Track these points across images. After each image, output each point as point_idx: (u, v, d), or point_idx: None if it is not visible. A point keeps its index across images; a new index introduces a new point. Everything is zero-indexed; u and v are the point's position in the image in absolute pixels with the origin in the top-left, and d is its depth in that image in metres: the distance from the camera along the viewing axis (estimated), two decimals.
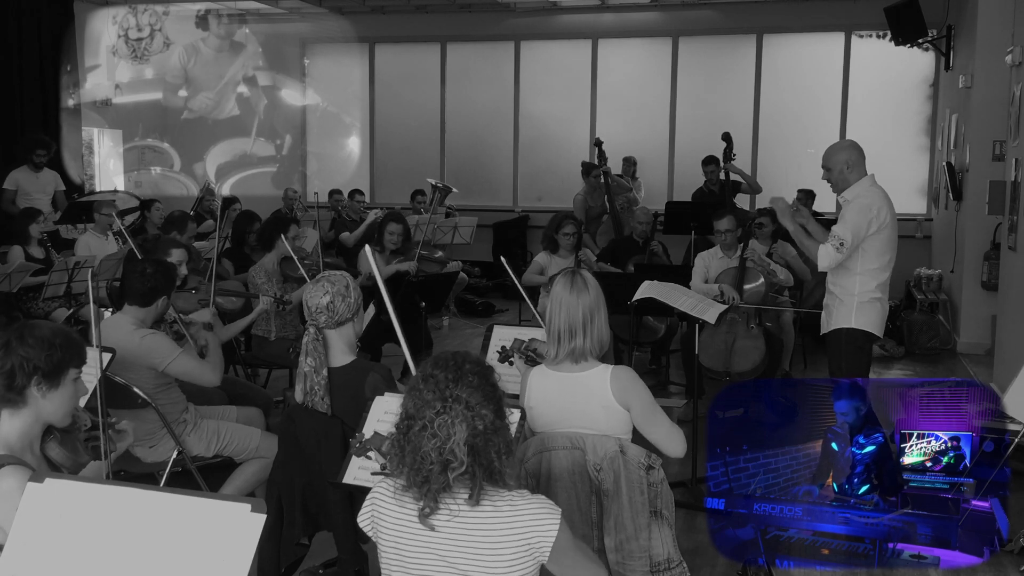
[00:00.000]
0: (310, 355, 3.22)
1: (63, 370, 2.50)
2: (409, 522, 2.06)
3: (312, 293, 3.27)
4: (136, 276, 4.03)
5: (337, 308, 3.25)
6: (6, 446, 2.43)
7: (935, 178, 10.29)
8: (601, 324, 3.03)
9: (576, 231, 6.48)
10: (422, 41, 12.15)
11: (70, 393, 2.53)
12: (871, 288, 4.49)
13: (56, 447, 2.51)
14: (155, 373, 3.92)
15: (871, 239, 4.44)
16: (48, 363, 2.45)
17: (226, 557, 1.71)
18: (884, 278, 4.53)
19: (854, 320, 4.50)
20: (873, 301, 4.50)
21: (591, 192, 9.53)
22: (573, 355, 3.01)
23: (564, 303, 3.01)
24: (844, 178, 4.52)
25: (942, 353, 8.06)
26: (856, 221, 4.41)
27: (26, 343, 2.45)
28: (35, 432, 2.50)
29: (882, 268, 4.51)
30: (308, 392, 3.22)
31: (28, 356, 2.44)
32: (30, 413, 2.47)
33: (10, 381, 2.43)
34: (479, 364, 2.12)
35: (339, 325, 3.29)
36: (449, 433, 2.00)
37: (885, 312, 4.60)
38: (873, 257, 4.47)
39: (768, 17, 10.90)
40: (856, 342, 4.54)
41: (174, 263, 4.89)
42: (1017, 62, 6.49)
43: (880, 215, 4.43)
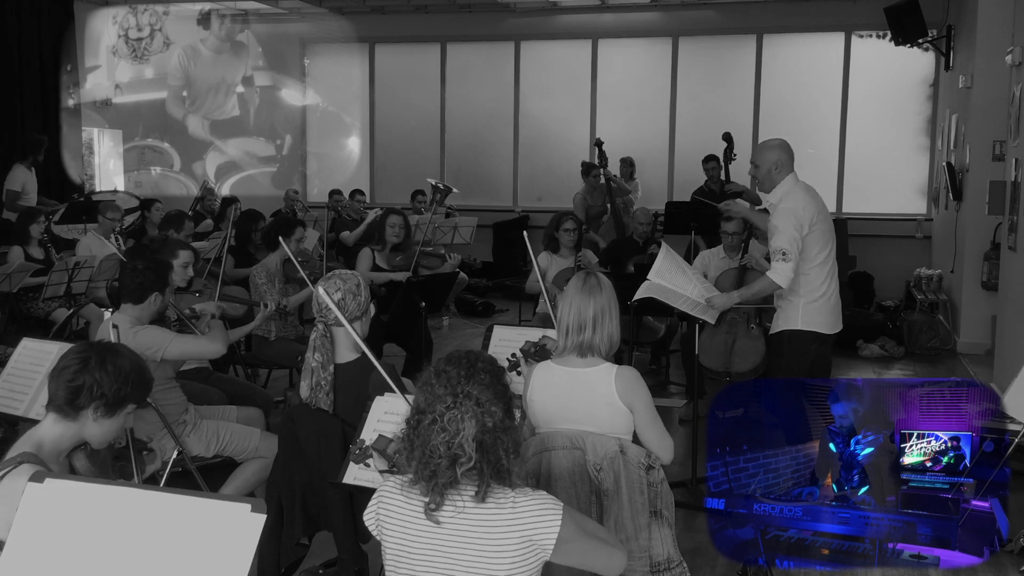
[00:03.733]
0: (317, 351, 3.26)
1: (124, 404, 2.51)
2: (415, 517, 2.07)
3: (323, 290, 3.30)
4: (127, 273, 4.05)
5: (347, 306, 3.28)
6: (37, 446, 2.44)
7: (935, 178, 10.29)
8: (612, 325, 3.04)
9: (576, 228, 6.48)
10: (422, 41, 12.15)
11: (119, 425, 2.54)
12: (816, 286, 4.47)
13: (83, 459, 2.51)
14: (154, 369, 3.91)
15: (805, 239, 4.43)
16: (115, 395, 2.46)
17: (226, 557, 1.71)
18: (825, 272, 4.49)
19: (800, 322, 4.50)
20: (819, 300, 4.48)
21: (591, 192, 9.53)
22: (580, 349, 3.01)
23: (576, 300, 3.04)
24: (771, 178, 4.55)
25: (942, 353, 8.06)
26: (786, 228, 4.41)
27: (105, 368, 2.45)
28: (69, 444, 2.50)
29: (821, 264, 4.48)
30: (314, 387, 3.24)
31: (100, 381, 2.44)
32: (75, 428, 2.48)
33: (73, 398, 2.44)
34: (491, 363, 2.15)
35: (348, 323, 3.32)
36: (459, 428, 2.03)
37: (833, 307, 4.56)
38: (810, 255, 4.46)
39: (768, 17, 10.90)
40: (799, 343, 4.52)
41: (172, 262, 4.90)
42: (1017, 62, 6.49)
43: (807, 213, 4.42)
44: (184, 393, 4.14)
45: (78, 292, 6.58)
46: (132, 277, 4.01)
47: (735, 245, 6.08)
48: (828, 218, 4.57)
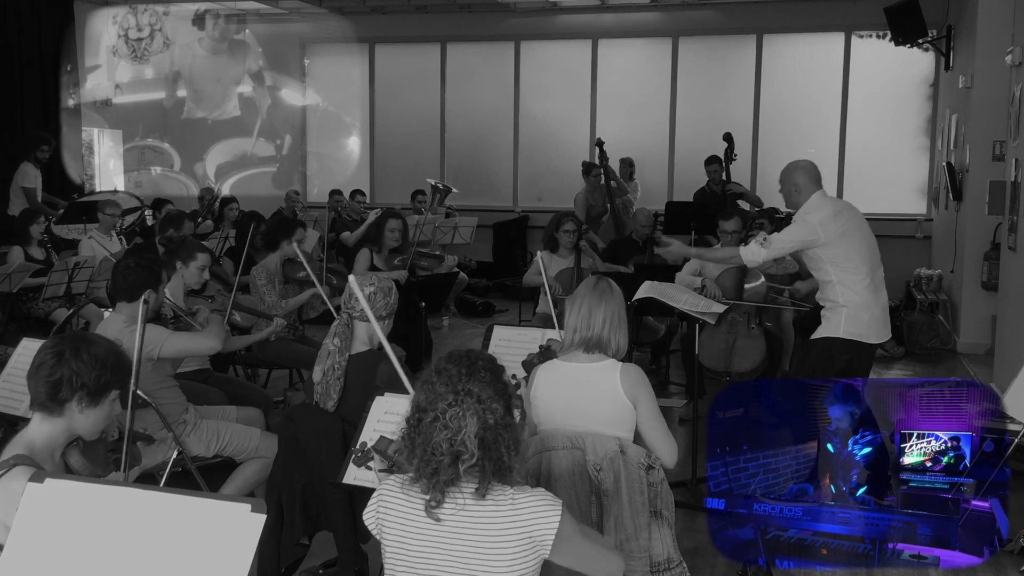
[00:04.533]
0: (338, 336, 3.36)
1: (107, 391, 2.50)
2: (415, 515, 2.08)
3: (357, 283, 3.34)
4: (120, 272, 4.06)
5: (376, 302, 3.36)
6: (28, 447, 2.44)
7: (935, 178, 10.29)
8: (620, 333, 3.05)
9: (576, 229, 6.48)
10: (422, 41, 12.15)
11: (106, 413, 2.54)
12: (856, 292, 4.50)
13: (77, 456, 2.51)
14: (152, 368, 3.91)
15: (831, 247, 4.50)
16: (96, 383, 2.46)
17: (226, 557, 1.71)
18: (863, 281, 4.53)
19: (843, 329, 4.53)
20: (860, 308, 4.51)
21: (592, 191, 9.53)
22: (587, 345, 3.02)
23: (586, 302, 3.05)
24: (792, 198, 4.71)
25: (942, 353, 8.06)
26: (791, 230, 4.62)
27: (80, 358, 2.45)
28: (61, 441, 2.50)
29: (855, 271, 4.52)
30: (327, 371, 3.31)
31: (78, 371, 2.44)
32: (63, 423, 2.48)
33: (55, 392, 2.44)
34: (491, 362, 2.17)
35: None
36: (460, 425, 2.04)
37: (876, 318, 4.59)
38: (842, 263, 4.52)
39: (768, 17, 10.90)
40: (833, 349, 4.56)
41: (190, 264, 4.90)
42: (1017, 62, 6.49)
43: (825, 230, 4.49)
44: (184, 393, 4.14)
45: (78, 292, 6.58)
46: (125, 275, 4.02)
47: (735, 244, 6.07)
48: (863, 230, 4.62)
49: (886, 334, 4.67)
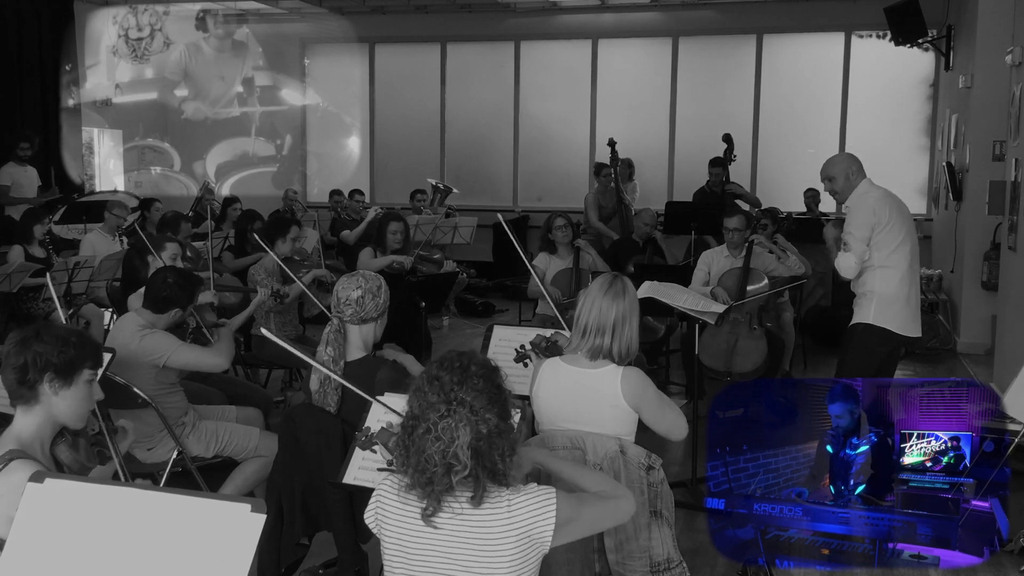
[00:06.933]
0: (330, 345, 3.29)
1: (76, 368, 2.51)
2: (412, 519, 2.07)
3: (344, 285, 3.34)
4: (156, 282, 4.06)
5: (365, 305, 3.32)
6: (18, 442, 2.45)
7: (935, 178, 10.29)
8: (632, 332, 3.01)
9: (568, 224, 6.47)
10: (422, 41, 12.15)
11: (84, 394, 2.54)
12: (893, 283, 4.55)
13: (66, 449, 2.52)
14: (156, 373, 3.92)
15: (883, 231, 4.55)
16: (61, 359, 2.47)
17: (226, 557, 1.71)
18: (899, 272, 4.57)
19: (873, 316, 4.57)
20: (892, 298, 4.55)
21: (603, 192, 9.51)
22: (592, 352, 2.99)
23: (598, 302, 3.00)
24: (850, 183, 4.68)
25: (942, 353, 8.05)
26: (856, 221, 4.58)
27: (41, 340, 2.48)
28: (47, 432, 2.51)
29: (896, 261, 4.56)
30: (323, 381, 3.26)
31: (42, 352, 2.46)
32: (43, 411, 2.49)
33: (22, 376, 2.46)
34: (484, 366, 2.12)
35: (363, 322, 3.35)
36: (453, 437, 2.01)
37: (911, 311, 4.63)
38: (886, 248, 4.56)
39: (768, 17, 10.90)
40: (869, 339, 4.59)
41: (162, 255, 4.91)
42: (1017, 62, 6.49)
43: (878, 211, 4.55)
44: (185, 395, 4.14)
45: (78, 292, 6.58)
46: (160, 288, 4.03)
47: (738, 242, 6.06)
48: (906, 221, 4.67)
49: (915, 330, 4.68)
